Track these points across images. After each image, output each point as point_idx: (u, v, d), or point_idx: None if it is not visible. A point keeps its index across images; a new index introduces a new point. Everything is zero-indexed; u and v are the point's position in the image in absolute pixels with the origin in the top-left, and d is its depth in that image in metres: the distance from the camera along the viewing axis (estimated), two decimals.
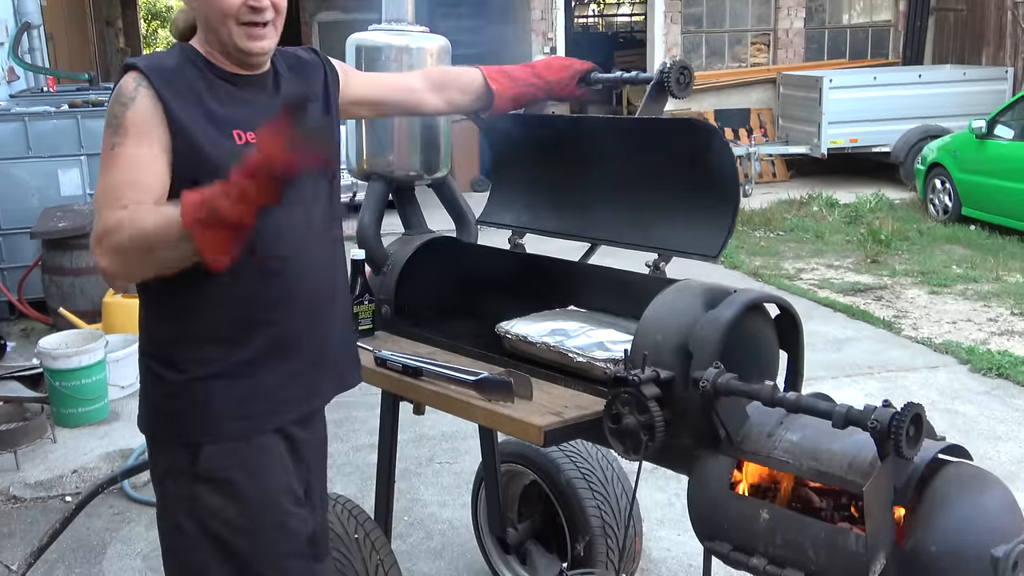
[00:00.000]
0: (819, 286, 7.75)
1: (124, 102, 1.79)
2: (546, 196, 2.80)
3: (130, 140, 1.77)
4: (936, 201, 10.23)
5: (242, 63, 1.92)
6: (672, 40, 14.26)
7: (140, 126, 1.78)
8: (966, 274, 7.91)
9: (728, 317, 2.02)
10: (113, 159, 1.78)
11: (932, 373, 5.61)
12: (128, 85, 1.80)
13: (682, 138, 2.37)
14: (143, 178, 1.76)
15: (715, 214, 2.33)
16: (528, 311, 2.61)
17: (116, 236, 1.71)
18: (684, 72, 2.43)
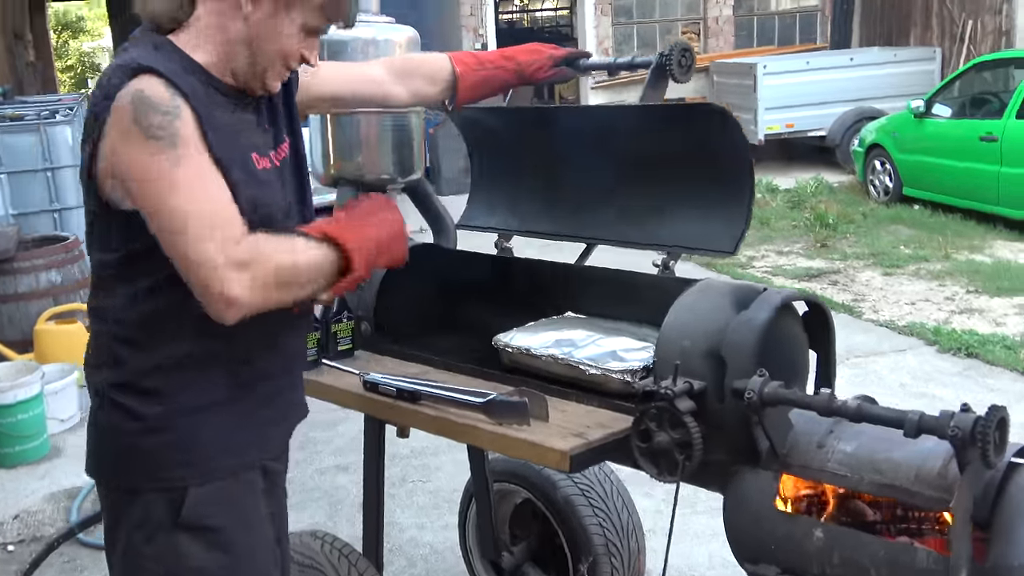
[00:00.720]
0: (773, 273, 7.69)
1: (167, 110, 1.53)
2: (535, 194, 2.60)
3: (193, 154, 1.54)
4: (876, 182, 10.29)
5: (246, 90, 1.71)
6: (603, 32, 14.18)
7: (195, 140, 1.55)
8: (916, 254, 7.93)
9: (764, 319, 1.84)
10: (188, 175, 1.53)
11: (901, 356, 5.55)
12: (158, 90, 1.53)
13: (691, 124, 2.20)
14: (230, 207, 1.58)
15: (728, 205, 2.17)
16: (521, 320, 2.41)
17: (260, 267, 1.55)
18: (686, 54, 2.25)
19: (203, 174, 1.54)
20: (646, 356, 2.09)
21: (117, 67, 1.57)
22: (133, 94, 1.51)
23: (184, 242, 1.52)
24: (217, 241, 1.51)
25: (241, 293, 1.52)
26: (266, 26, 1.63)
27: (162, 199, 1.52)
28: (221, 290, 1.51)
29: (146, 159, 1.51)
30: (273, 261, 1.56)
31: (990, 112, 8.93)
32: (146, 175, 1.52)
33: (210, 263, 1.51)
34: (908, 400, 4.86)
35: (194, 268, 1.53)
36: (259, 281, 1.54)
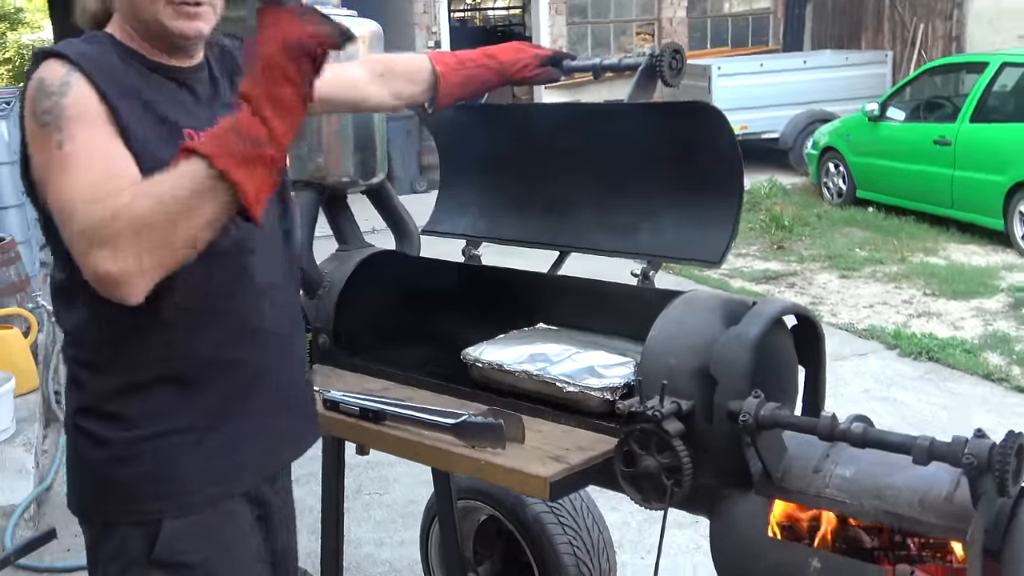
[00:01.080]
0: (730, 276, 7.65)
1: (54, 91, 1.41)
2: (506, 198, 2.47)
3: (81, 129, 1.40)
4: (830, 185, 10.32)
5: (173, 50, 1.57)
6: (557, 31, 14.09)
7: (85, 114, 1.41)
8: (871, 256, 7.94)
9: (755, 334, 1.74)
10: (67, 158, 1.38)
11: (862, 360, 5.52)
12: (54, 72, 1.43)
13: (678, 124, 2.09)
14: (117, 167, 1.39)
15: (715, 211, 2.06)
16: (490, 332, 2.28)
17: (116, 224, 1.30)
18: (677, 56, 2.15)
19: (90, 147, 1.40)
20: (626, 372, 1.97)
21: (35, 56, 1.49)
22: (33, 84, 1.43)
23: (67, 224, 1.37)
24: (82, 214, 1.34)
25: (106, 264, 1.31)
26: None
27: (54, 187, 1.39)
28: (94, 268, 1.32)
29: (40, 149, 1.41)
30: (134, 209, 1.31)
31: (943, 116, 8.99)
32: (41, 167, 1.41)
33: (81, 239, 1.34)
34: (872, 405, 4.82)
35: (75, 252, 1.36)
36: (115, 237, 1.30)
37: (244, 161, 1.28)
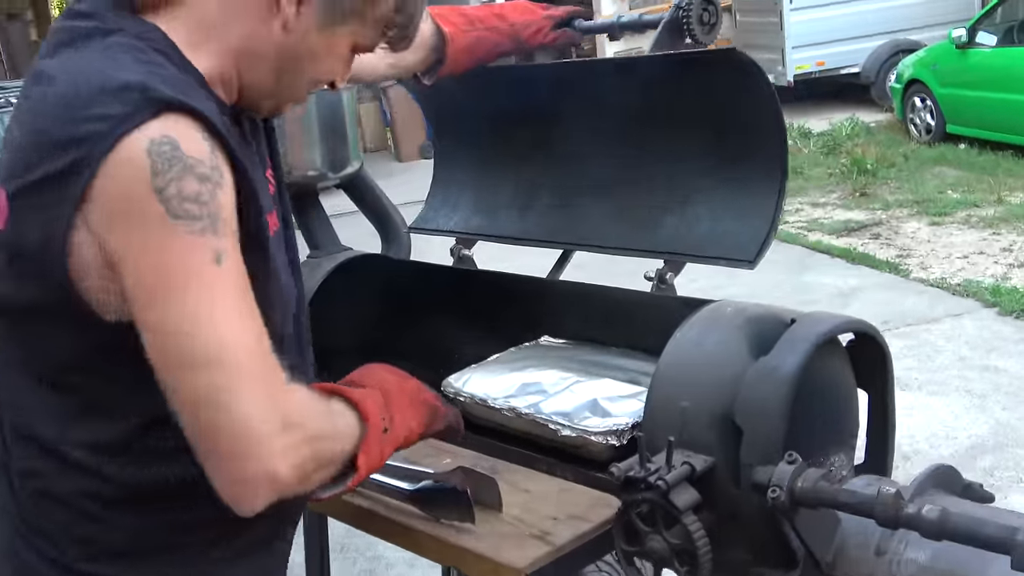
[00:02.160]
0: (808, 228, 7.10)
1: (207, 175, 1.00)
2: (504, 188, 2.07)
3: (232, 244, 1.03)
4: (917, 121, 9.59)
5: (249, 110, 1.19)
6: None
7: (233, 223, 1.03)
8: (965, 199, 7.28)
9: (792, 369, 1.31)
10: (223, 280, 1.01)
11: (957, 322, 4.97)
12: (197, 143, 1.01)
13: (705, 82, 1.66)
14: (260, 319, 1.06)
15: (751, 197, 1.65)
16: (486, 347, 1.91)
17: (307, 434, 1.07)
18: (709, 8, 1.72)
19: (245, 282, 1.04)
20: (636, 408, 1.57)
21: (108, 91, 1.00)
22: (154, 144, 0.98)
23: (219, 382, 1.00)
24: (267, 396, 1.02)
25: (287, 471, 1.02)
26: (309, 40, 1.13)
27: (189, 315, 0.99)
28: (266, 467, 1.00)
29: (173, 247, 0.99)
30: (317, 425, 1.10)
31: None
32: (167, 274, 0.99)
33: (257, 427, 1.00)
34: (970, 375, 4.30)
35: (227, 429, 1.00)
36: (307, 453, 1.05)
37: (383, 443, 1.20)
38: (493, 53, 1.83)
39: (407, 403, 1.28)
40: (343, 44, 1.17)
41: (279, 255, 1.18)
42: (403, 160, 11.66)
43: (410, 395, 1.30)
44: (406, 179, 10.50)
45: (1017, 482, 3.45)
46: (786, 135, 1.66)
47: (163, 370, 1.00)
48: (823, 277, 5.94)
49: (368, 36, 1.18)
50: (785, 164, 1.67)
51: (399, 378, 1.32)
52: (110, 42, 1.06)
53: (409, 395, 1.30)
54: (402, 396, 1.28)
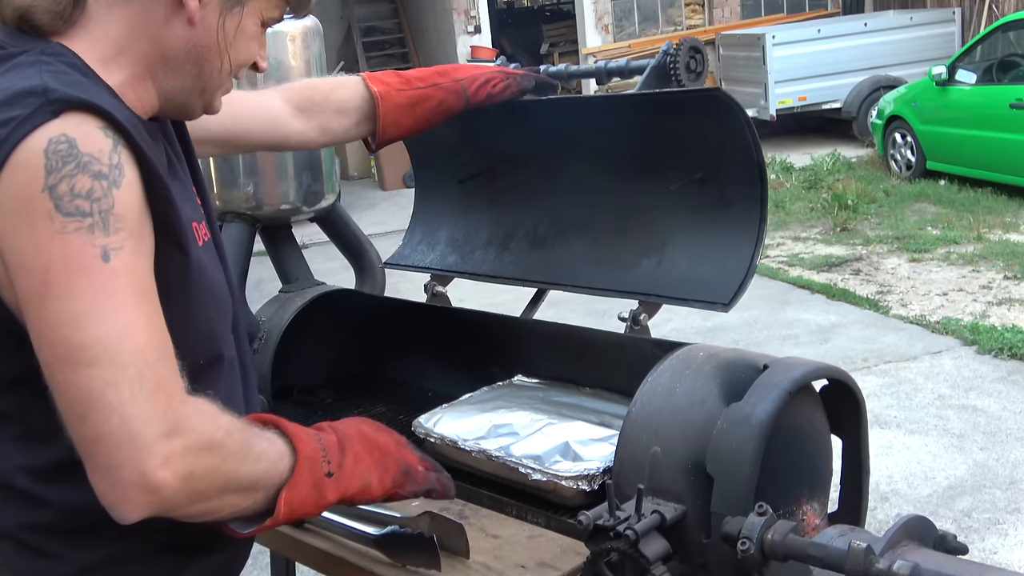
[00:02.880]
0: (789, 263, 7.12)
1: (102, 172, 0.99)
2: (483, 227, 2.06)
3: (130, 244, 1.01)
4: (898, 157, 9.67)
5: (176, 116, 1.23)
6: (602, 8, 13.58)
7: (133, 222, 1.02)
8: (944, 235, 7.33)
9: (765, 416, 1.30)
10: (112, 279, 0.98)
11: (935, 360, 4.98)
12: (94, 140, 1.00)
13: (688, 126, 1.66)
14: (163, 326, 1.04)
15: (729, 241, 1.63)
16: (459, 386, 1.89)
17: (207, 455, 1.03)
18: (696, 56, 1.72)
19: (142, 278, 1.02)
20: (608, 452, 1.54)
21: (15, 94, 1.00)
22: (52, 143, 0.98)
23: (103, 380, 0.97)
24: (153, 398, 0.98)
25: (170, 479, 0.98)
26: (223, 28, 1.15)
27: (73, 311, 0.97)
28: (143, 471, 0.97)
29: (56, 243, 0.97)
30: (217, 438, 1.04)
31: (1019, 77, 8.29)
32: (53, 270, 0.97)
33: (137, 428, 0.97)
34: (949, 414, 4.30)
35: (105, 430, 0.97)
36: (198, 465, 1.01)
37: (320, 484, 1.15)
38: (439, 112, 1.73)
39: (372, 455, 1.22)
40: (251, 22, 1.19)
41: (208, 262, 1.17)
42: (387, 188, 11.66)
43: (381, 448, 1.24)
44: (389, 208, 10.51)
45: (995, 524, 3.43)
46: (767, 181, 1.65)
47: (46, 368, 0.98)
48: (803, 313, 5.95)
49: (272, 5, 1.21)
50: (764, 205, 1.66)
51: (373, 429, 1.27)
52: (15, 62, 1.06)
53: (380, 448, 1.24)
54: (367, 446, 1.22)
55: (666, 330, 5.05)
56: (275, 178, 2.07)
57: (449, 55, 13.52)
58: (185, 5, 1.11)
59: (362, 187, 12.03)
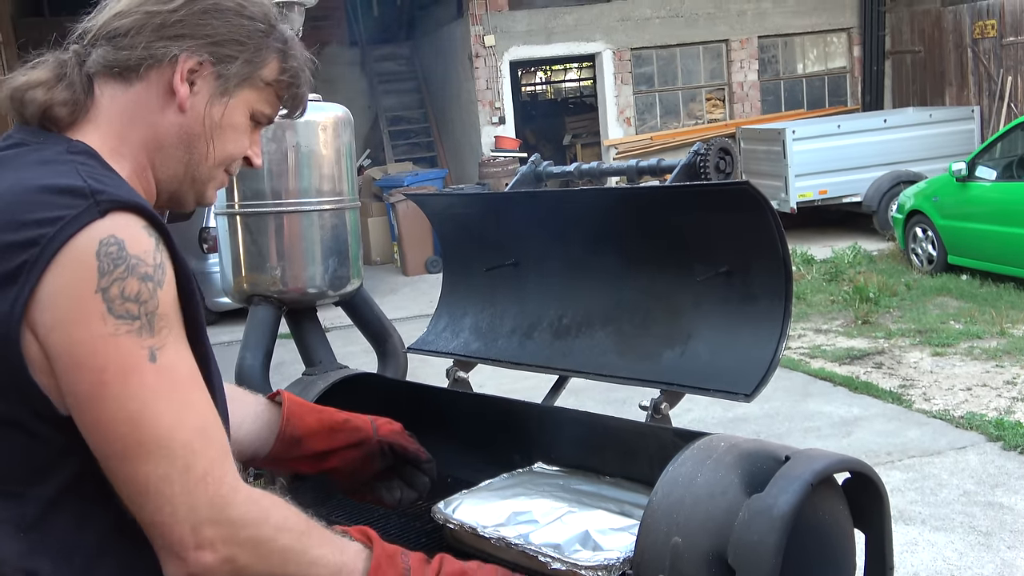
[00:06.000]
0: (811, 355, 7.08)
1: (148, 273, 1.05)
2: (508, 316, 2.08)
3: (172, 338, 1.08)
4: (919, 251, 9.68)
5: (162, 206, 1.26)
6: (624, 101, 13.84)
7: (174, 317, 1.09)
8: (967, 330, 7.28)
9: (787, 509, 1.29)
10: (160, 377, 1.05)
11: (960, 455, 4.90)
12: (141, 241, 1.06)
13: (714, 219, 1.69)
14: (212, 412, 1.11)
15: (752, 332, 1.65)
16: (478, 473, 1.88)
17: (250, 547, 1.08)
18: (725, 157, 1.77)
19: (186, 375, 1.08)
20: (628, 542, 1.53)
21: (58, 191, 1.05)
22: (103, 244, 1.03)
23: (156, 474, 1.04)
24: (200, 488, 1.05)
25: (208, 561, 1.05)
26: (210, 116, 1.20)
27: (126, 413, 1.03)
28: (187, 553, 1.05)
29: (109, 346, 1.03)
30: (273, 536, 1.09)
31: None
32: (105, 372, 1.02)
33: (183, 517, 1.04)
34: (975, 511, 4.22)
35: (156, 521, 1.05)
36: (238, 553, 1.07)
37: None
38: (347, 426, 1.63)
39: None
40: (239, 114, 1.23)
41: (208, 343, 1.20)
42: (409, 274, 11.76)
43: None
44: (410, 293, 10.59)
45: None
46: (792, 276, 1.68)
47: (105, 461, 1.05)
48: (825, 405, 5.89)
49: (263, 101, 1.25)
50: (789, 298, 1.68)
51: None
52: (40, 156, 1.12)
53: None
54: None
55: (687, 420, 5.02)
56: (302, 262, 2.11)
57: (474, 145, 13.78)
58: (176, 92, 1.16)
59: (384, 272, 12.14)
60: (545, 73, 25.21)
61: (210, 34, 1.18)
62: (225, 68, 1.19)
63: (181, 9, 1.17)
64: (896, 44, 14.07)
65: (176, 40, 1.16)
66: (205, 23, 1.18)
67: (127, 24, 1.17)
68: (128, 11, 1.17)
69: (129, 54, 1.16)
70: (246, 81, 1.21)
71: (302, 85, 1.28)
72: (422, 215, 2.49)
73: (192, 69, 1.17)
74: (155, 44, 1.16)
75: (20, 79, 1.17)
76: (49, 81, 1.15)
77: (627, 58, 13.75)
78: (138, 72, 1.17)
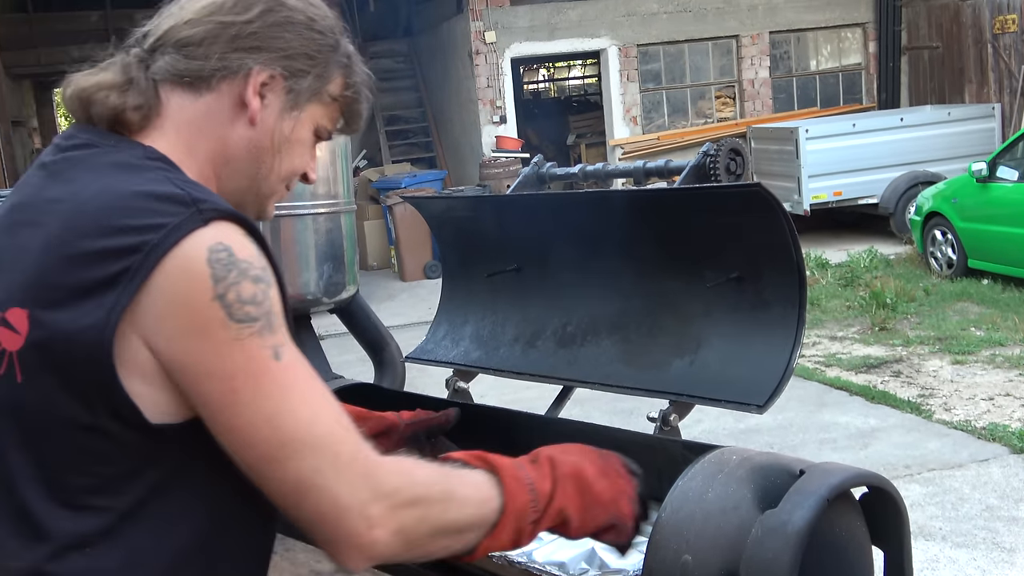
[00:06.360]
0: (826, 363, 7.07)
1: (260, 275, 1.10)
2: (510, 323, 2.09)
3: (287, 336, 1.14)
4: (938, 254, 9.68)
5: None
6: (630, 100, 13.86)
7: (283, 315, 1.14)
8: (989, 337, 7.28)
9: (802, 525, 1.29)
10: (287, 373, 1.10)
11: (983, 468, 4.89)
12: (246, 247, 1.10)
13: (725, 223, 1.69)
14: (330, 396, 1.17)
15: (765, 340, 1.65)
16: None
17: (411, 508, 1.13)
18: (736, 158, 1.76)
19: (306, 368, 1.14)
20: (636, 559, 1.53)
21: (156, 197, 1.09)
22: (212, 251, 1.06)
23: (308, 468, 1.08)
24: (353, 470, 1.10)
25: (386, 537, 1.10)
26: (279, 131, 1.24)
27: (264, 414, 1.08)
28: (361, 541, 1.09)
29: (235, 351, 1.07)
30: (419, 492, 1.15)
31: None
32: (237, 378, 1.07)
33: (347, 503, 1.08)
34: (998, 526, 4.21)
35: (319, 512, 1.09)
36: (408, 518, 1.12)
37: (521, 531, 1.23)
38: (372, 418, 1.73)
39: (583, 500, 1.27)
40: (306, 129, 1.26)
41: None
42: (407, 280, 11.77)
43: (595, 497, 1.28)
44: (408, 300, 10.59)
45: None
46: (806, 282, 1.68)
47: (251, 467, 1.08)
48: (841, 416, 5.88)
49: (327, 117, 1.28)
50: (803, 311, 1.68)
51: (595, 473, 1.29)
52: (118, 160, 1.14)
53: (593, 497, 1.27)
54: (580, 490, 1.27)
55: (697, 432, 5.01)
56: (296, 268, 2.11)
57: (474, 145, 13.80)
58: (248, 105, 1.19)
59: (381, 277, 12.15)
60: (548, 70, 25.26)
61: (283, 47, 1.21)
62: (296, 83, 1.22)
63: (256, 21, 1.20)
64: (913, 39, 14.07)
65: (251, 52, 1.19)
66: (278, 36, 1.21)
67: (199, 33, 1.19)
68: (199, 19, 1.20)
69: (203, 64, 1.18)
70: (315, 96, 1.25)
71: (363, 101, 1.32)
72: (420, 218, 2.49)
73: (264, 83, 1.20)
74: (230, 55, 1.19)
75: (90, 80, 1.19)
76: (121, 85, 1.18)
77: (633, 54, 13.76)
78: (209, 83, 1.19)
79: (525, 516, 1.22)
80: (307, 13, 1.24)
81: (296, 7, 1.24)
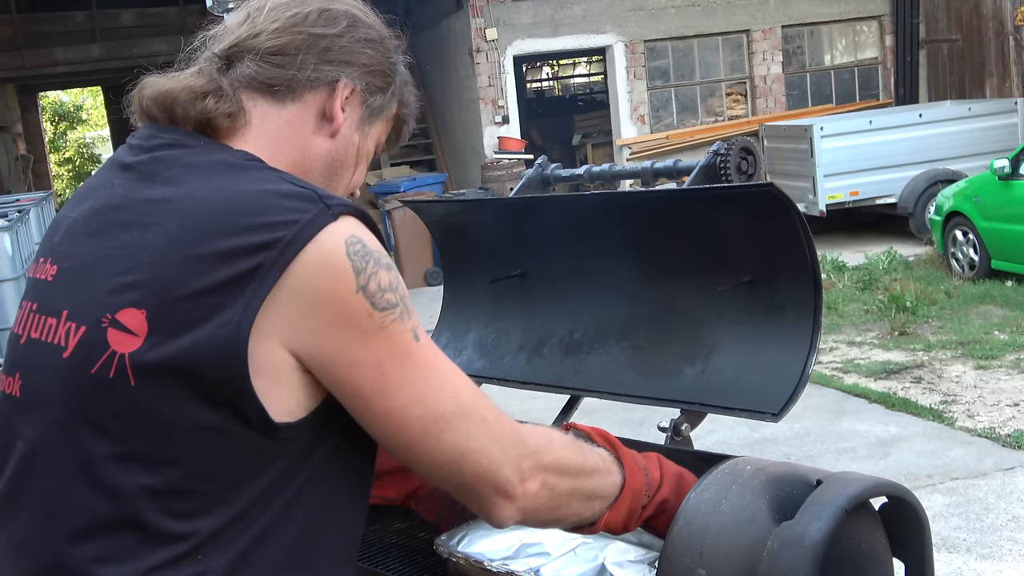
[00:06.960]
0: (844, 370, 7.08)
1: (390, 264, 1.18)
2: (514, 331, 2.10)
3: (419, 319, 1.24)
4: (959, 255, 9.68)
5: None
6: (638, 98, 13.88)
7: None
8: (1014, 341, 7.28)
9: (819, 537, 1.30)
10: (428, 353, 1.20)
11: (1008, 477, 4.90)
12: (372, 240, 1.19)
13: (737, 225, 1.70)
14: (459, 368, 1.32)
15: (779, 346, 1.66)
16: None
17: (554, 466, 1.27)
18: (748, 158, 1.77)
19: (434, 343, 1.26)
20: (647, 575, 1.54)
21: (278, 198, 1.14)
22: (349, 244, 1.14)
23: (463, 435, 1.19)
24: (502, 432, 1.22)
25: (535, 491, 1.24)
26: (355, 144, 1.33)
27: (415, 394, 1.17)
28: (514, 487, 1.22)
29: (381, 338, 1.14)
30: (558, 454, 1.29)
31: None
32: (387, 363, 1.15)
33: (501, 460, 1.21)
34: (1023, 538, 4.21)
35: (482, 472, 1.20)
36: (548, 476, 1.26)
37: (634, 511, 1.38)
38: None
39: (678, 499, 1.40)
40: (371, 144, 1.35)
41: None
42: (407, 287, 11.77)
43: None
44: None
45: None
46: (821, 285, 1.69)
47: (405, 447, 1.18)
48: (860, 424, 5.89)
49: (385, 133, 1.37)
50: (818, 316, 1.69)
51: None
52: (218, 160, 1.19)
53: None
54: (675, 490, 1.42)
55: (710, 442, 5.02)
56: None
57: (475, 146, 13.83)
58: (334, 118, 1.26)
59: None
60: (552, 68, 25.32)
61: (366, 63, 1.29)
62: (372, 98, 1.30)
63: (345, 35, 1.27)
64: (931, 33, 14.09)
65: (340, 66, 1.26)
66: (362, 51, 1.29)
67: (287, 43, 1.24)
68: (286, 29, 1.25)
69: (295, 74, 1.24)
70: (382, 112, 1.33)
71: (411, 120, 1.41)
72: (420, 223, 2.50)
73: (346, 96, 1.27)
74: (322, 67, 1.25)
75: (176, 83, 1.23)
76: (212, 91, 1.22)
77: (640, 51, 13.79)
78: (295, 93, 1.25)
79: (639, 498, 1.36)
80: (381, 32, 1.33)
81: (373, 25, 1.32)
